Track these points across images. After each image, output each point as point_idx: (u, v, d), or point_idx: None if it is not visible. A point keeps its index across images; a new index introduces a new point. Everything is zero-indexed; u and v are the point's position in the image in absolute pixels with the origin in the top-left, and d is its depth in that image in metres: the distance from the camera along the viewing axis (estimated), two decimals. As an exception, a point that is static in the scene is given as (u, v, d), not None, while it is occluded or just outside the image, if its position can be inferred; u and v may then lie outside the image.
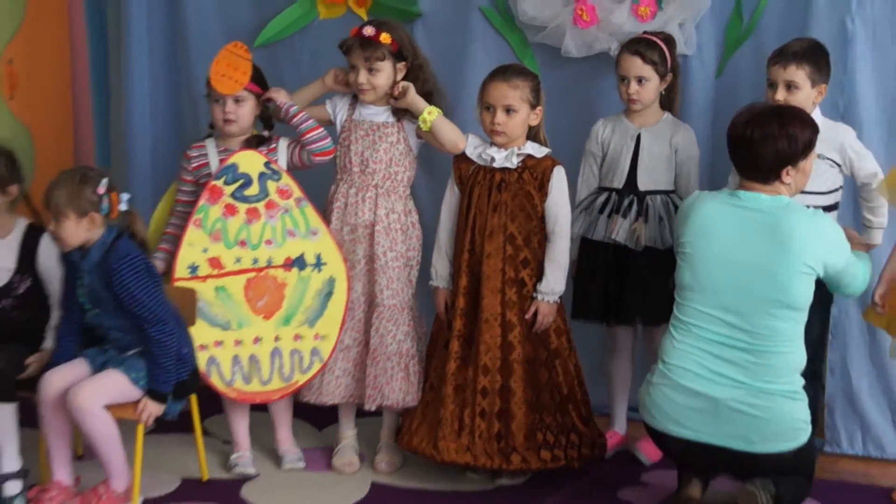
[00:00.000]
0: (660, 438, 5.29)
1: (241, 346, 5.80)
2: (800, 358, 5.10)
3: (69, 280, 5.51)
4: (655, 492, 5.72)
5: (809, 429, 5.09)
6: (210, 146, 5.95)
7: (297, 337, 5.85)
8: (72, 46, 7.73)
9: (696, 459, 5.22)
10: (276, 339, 5.84)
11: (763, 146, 5.10)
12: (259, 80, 5.90)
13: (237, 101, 5.81)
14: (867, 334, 6.10)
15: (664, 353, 5.18)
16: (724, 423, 5.00)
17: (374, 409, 5.92)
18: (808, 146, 5.14)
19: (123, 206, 5.40)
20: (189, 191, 5.95)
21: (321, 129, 5.79)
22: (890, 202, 5.66)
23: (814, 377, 5.76)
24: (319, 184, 6.00)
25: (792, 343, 5.06)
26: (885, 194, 5.65)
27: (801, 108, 5.35)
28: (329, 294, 5.85)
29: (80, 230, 5.29)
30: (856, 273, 5.19)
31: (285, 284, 5.83)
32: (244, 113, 5.84)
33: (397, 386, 5.85)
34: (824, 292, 5.59)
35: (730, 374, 5.02)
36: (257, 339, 5.82)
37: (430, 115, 5.72)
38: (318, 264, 5.85)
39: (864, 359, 6.14)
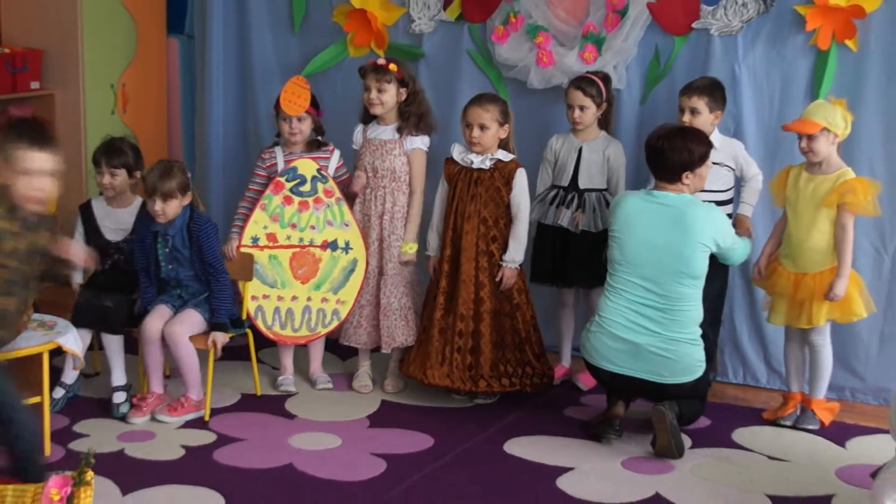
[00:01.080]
0: (595, 371, 5.54)
1: (281, 301, 6.02)
2: (698, 314, 5.38)
3: (150, 245, 5.70)
4: (591, 410, 5.87)
5: (704, 365, 5.37)
6: (278, 152, 6.12)
7: (324, 300, 6.06)
8: (168, 76, 7.84)
9: (621, 387, 5.47)
10: (308, 299, 6.05)
11: (670, 155, 5.36)
12: (314, 103, 6.08)
13: (300, 119, 6.01)
14: (747, 296, 6.25)
15: (600, 310, 5.45)
16: (642, 361, 5.32)
17: (389, 351, 6.13)
18: (703, 157, 5.40)
19: None
20: (260, 182, 6.11)
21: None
22: (774, 203, 5.84)
23: (715, 325, 6.00)
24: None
25: (693, 303, 5.35)
26: (771, 192, 5.81)
27: (699, 129, 5.58)
28: (351, 271, 6.05)
29: (180, 206, 5.57)
30: (737, 249, 5.49)
31: (320, 260, 6.04)
32: (304, 128, 6.05)
33: (401, 331, 6.06)
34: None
35: (648, 325, 5.33)
36: (294, 298, 6.03)
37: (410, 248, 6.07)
38: (346, 248, 6.03)
39: (744, 314, 6.29)
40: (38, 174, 4.46)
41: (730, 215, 5.87)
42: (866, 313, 5.62)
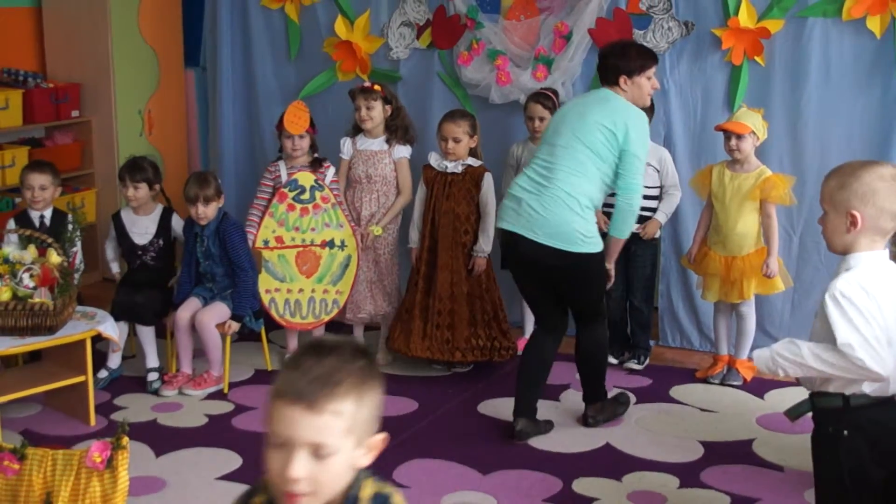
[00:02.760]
0: (500, 235, 5.16)
1: (290, 293, 6.03)
2: (586, 188, 4.85)
3: (191, 243, 5.75)
4: (552, 376, 5.53)
5: (590, 242, 4.88)
6: (281, 165, 6.13)
7: (325, 291, 6.04)
8: (187, 102, 7.91)
9: (513, 250, 5.04)
10: (312, 291, 6.04)
11: (609, 58, 5.02)
12: (311, 124, 6.11)
13: (300, 137, 6.04)
14: (682, 276, 6.28)
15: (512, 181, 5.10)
16: (523, 218, 4.85)
17: (355, 320, 6.20)
18: (641, 68, 4.97)
19: None
20: (266, 191, 6.14)
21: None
22: (699, 195, 5.87)
23: (648, 301, 6.07)
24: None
25: (585, 179, 4.83)
26: (694, 188, 5.86)
27: (648, 48, 5.25)
28: (346, 266, 6.03)
29: (216, 208, 5.65)
30: (637, 174, 4.88)
31: (321, 257, 6.03)
32: (304, 144, 6.06)
33: (368, 303, 6.13)
34: (656, 246, 5.93)
35: (534, 188, 4.88)
36: (301, 290, 6.03)
37: (375, 230, 6.04)
38: (342, 246, 6.02)
39: (679, 290, 6.33)
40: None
41: (654, 210, 5.90)
42: (785, 287, 5.70)
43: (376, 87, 6.07)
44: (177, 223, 5.95)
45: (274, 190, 6.13)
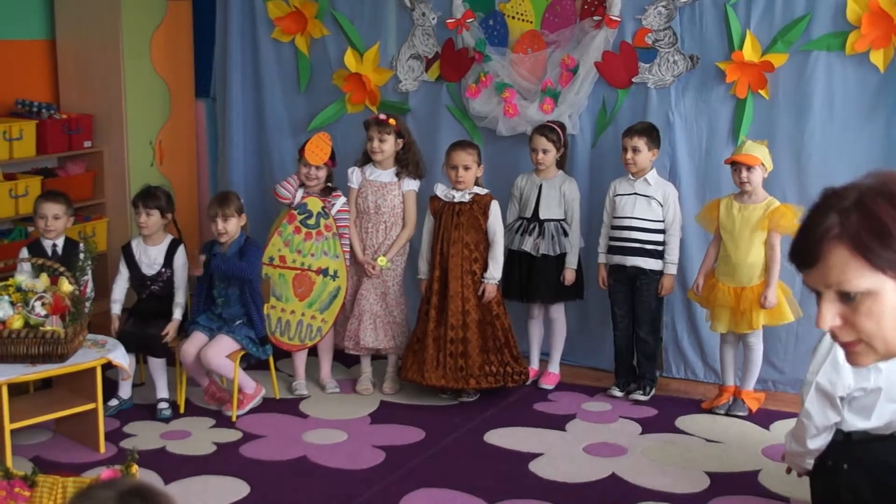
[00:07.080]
0: None
1: (283, 313, 6.06)
2: None
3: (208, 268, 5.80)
4: (557, 405, 5.89)
5: None
6: (298, 192, 6.15)
7: (312, 317, 6.08)
8: (197, 133, 7.86)
9: None
10: (302, 314, 6.07)
11: None
12: (331, 156, 6.11)
13: (318, 168, 6.07)
14: (686, 307, 6.22)
15: None
16: None
17: (355, 352, 6.18)
18: None
19: None
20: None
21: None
22: (707, 229, 5.87)
23: (656, 332, 6.02)
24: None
25: None
26: (702, 223, 5.87)
27: None
28: (335, 296, 6.07)
29: (238, 225, 5.76)
30: None
31: (314, 282, 6.07)
32: (321, 175, 6.08)
33: (369, 336, 6.08)
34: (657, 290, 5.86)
35: None
36: (292, 312, 6.07)
37: (382, 261, 6.05)
38: (334, 276, 6.06)
39: (684, 321, 6.28)
40: None
41: (660, 244, 5.89)
42: (794, 317, 5.67)
43: (391, 120, 6.12)
44: (179, 257, 5.95)
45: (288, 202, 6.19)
